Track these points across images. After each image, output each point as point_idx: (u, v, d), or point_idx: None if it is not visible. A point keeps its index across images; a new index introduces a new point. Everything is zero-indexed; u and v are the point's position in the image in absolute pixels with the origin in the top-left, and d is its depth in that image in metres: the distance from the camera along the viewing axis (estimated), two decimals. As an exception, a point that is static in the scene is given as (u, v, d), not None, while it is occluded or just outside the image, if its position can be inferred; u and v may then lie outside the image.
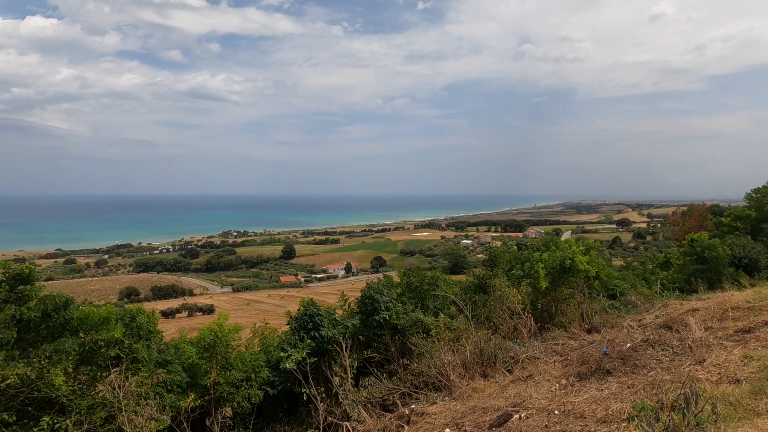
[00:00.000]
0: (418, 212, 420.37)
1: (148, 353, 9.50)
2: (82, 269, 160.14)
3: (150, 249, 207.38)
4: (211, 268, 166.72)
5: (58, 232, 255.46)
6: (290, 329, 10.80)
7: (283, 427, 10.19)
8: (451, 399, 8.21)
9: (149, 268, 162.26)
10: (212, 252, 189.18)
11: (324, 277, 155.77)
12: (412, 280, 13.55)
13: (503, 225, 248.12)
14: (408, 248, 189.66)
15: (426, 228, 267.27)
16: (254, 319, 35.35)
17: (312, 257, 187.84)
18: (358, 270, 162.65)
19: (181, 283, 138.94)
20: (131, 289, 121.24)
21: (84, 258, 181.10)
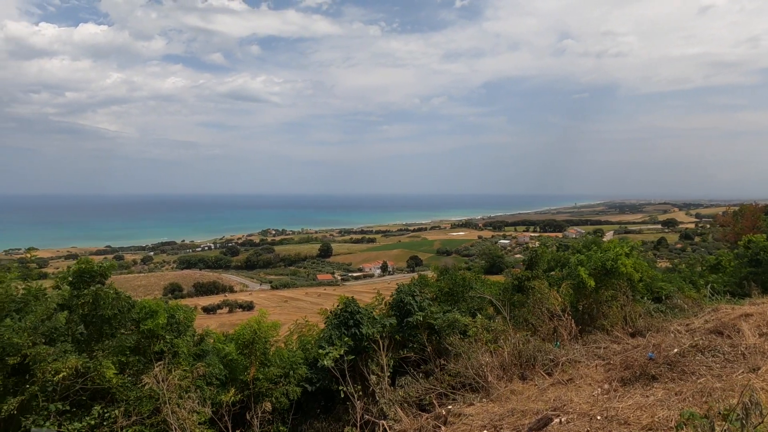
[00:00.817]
0: (454, 211, 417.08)
1: (187, 347, 9.87)
2: (130, 265, 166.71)
3: (192, 247, 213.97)
4: (250, 266, 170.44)
5: (107, 229, 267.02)
6: (328, 326, 10.91)
7: (321, 423, 10.31)
8: (489, 401, 8.11)
9: (192, 265, 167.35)
10: (252, 250, 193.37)
11: (360, 276, 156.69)
12: (442, 284, 13.47)
13: (542, 225, 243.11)
14: (444, 248, 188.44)
15: (463, 227, 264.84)
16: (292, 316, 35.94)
17: (348, 256, 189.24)
18: (395, 269, 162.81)
19: (222, 280, 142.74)
20: (175, 285, 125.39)
21: (131, 255, 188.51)
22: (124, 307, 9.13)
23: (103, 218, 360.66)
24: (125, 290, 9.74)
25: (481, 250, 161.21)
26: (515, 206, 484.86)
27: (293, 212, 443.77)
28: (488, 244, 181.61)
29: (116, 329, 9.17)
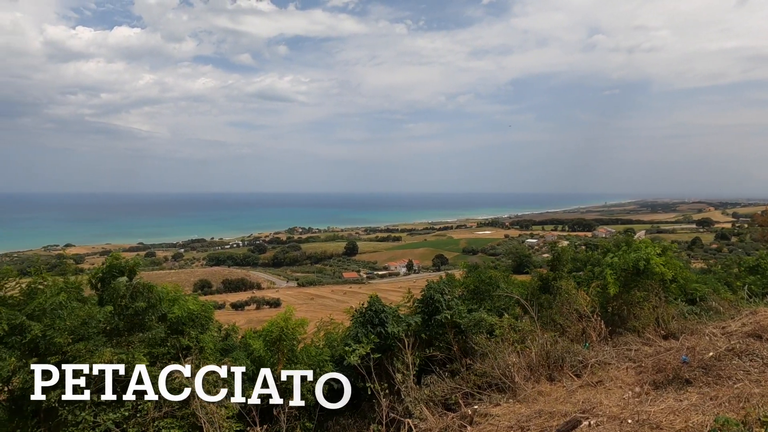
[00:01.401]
0: (480, 210, 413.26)
1: (213, 343, 10.11)
2: (161, 262, 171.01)
3: (221, 244, 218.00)
4: (277, 263, 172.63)
5: (140, 227, 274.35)
6: (354, 324, 10.96)
7: (346, 420, 10.37)
8: (516, 401, 8.03)
9: (221, 262, 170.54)
10: (279, 248, 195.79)
11: (386, 274, 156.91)
12: (468, 281, 13.35)
13: (571, 224, 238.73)
14: (470, 247, 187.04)
15: (489, 226, 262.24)
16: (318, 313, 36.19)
17: (374, 254, 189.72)
18: (420, 268, 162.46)
19: (250, 277, 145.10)
20: (204, 281, 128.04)
21: (163, 251, 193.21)
22: (155, 300, 9.42)
23: (136, 216, 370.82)
24: (157, 286, 10.07)
25: (508, 249, 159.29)
26: (543, 205, 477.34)
27: (319, 210, 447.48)
28: (515, 244, 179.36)
29: (148, 321, 9.47)
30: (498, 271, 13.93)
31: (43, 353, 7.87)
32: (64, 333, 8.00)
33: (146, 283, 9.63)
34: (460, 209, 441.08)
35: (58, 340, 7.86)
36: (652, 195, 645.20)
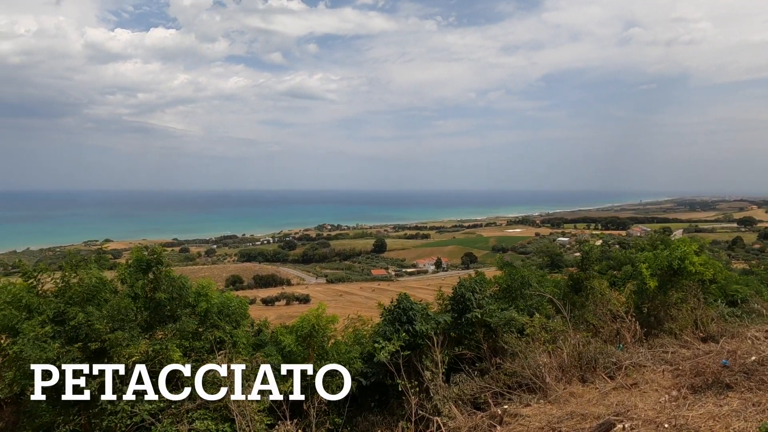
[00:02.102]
0: (511, 208, 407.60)
1: (246, 337, 10.31)
2: (195, 257, 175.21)
3: (252, 240, 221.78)
4: (307, 260, 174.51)
5: (175, 223, 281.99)
6: (383, 321, 10.99)
7: (375, 416, 10.42)
8: (547, 402, 7.90)
9: (252, 258, 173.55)
10: (308, 244, 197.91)
11: (414, 272, 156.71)
12: (502, 279, 13.16)
13: (604, 222, 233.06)
14: (500, 245, 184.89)
15: (519, 224, 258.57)
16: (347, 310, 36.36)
17: (402, 251, 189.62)
18: (449, 265, 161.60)
19: (280, 273, 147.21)
20: (236, 277, 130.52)
21: (196, 247, 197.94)
22: (178, 288, 9.72)
23: (171, 212, 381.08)
24: (190, 281, 10.35)
25: (539, 247, 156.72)
26: (575, 203, 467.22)
27: (348, 207, 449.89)
28: (546, 242, 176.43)
29: (175, 312, 9.74)
30: (532, 269, 13.63)
31: (85, 340, 8.17)
32: (103, 321, 8.30)
33: (169, 275, 9.88)
34: (489, 207, 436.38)
35: (98, 326, 8.16)
36: (691, 193, 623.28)
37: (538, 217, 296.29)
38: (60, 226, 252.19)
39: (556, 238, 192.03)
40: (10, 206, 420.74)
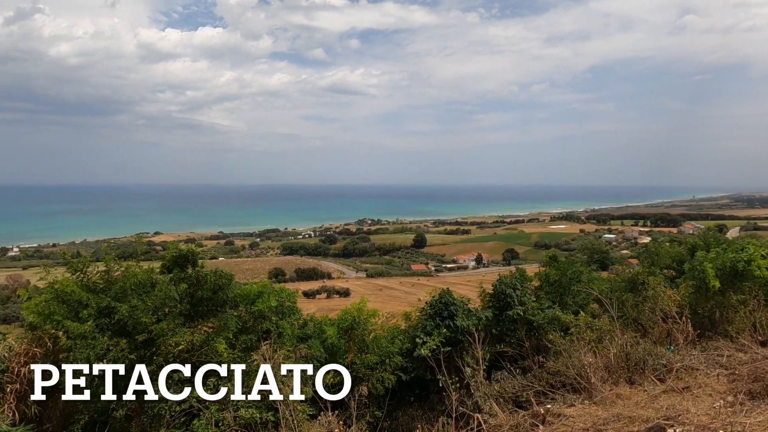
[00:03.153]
0: (554, 204, 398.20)
1: (291, 329, 10.51)
2: (239, 250, 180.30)
3: (294, 234, 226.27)
4: (347, 254, 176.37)
5: (221, 216, 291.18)
6: (424, 316, 10.98)
7: (415, 411, 10.44)
8: (592, 403, 7.70)
9: (293, 251, 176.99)
10: (348, 239, 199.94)
11: (454, 267, 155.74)
12: (550, 272, 12.80)
13: (653, 219, 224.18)
14: (543, 241, 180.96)
15: (563, 220, 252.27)
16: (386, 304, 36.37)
17: (442, 247, 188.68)
18: (489, 261, 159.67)
19: (321, 266, 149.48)
20: (278, 270, 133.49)
21: (240, 240, 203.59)
22: (222, 285, 9.82)
23: (217, 206, 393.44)
24: (235, 273, 10.61)
25: (583, 244, 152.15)
26: (623, 199, 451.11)
27: (388, 202, 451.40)
28: (591, 239, 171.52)
29: (216, 308, 9.99)
30: (582, 266, 13.19)
31: (132, 332, 8.53)
32: (148, 313, 8.62)
33: (208, 272, 10.12)
34: (532, 202, 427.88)
35: (143, 320, 8.49)
36: (749, 188, 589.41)
37: (583, 213, 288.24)
38: (114, 218, 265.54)
39: (601, 235, 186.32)
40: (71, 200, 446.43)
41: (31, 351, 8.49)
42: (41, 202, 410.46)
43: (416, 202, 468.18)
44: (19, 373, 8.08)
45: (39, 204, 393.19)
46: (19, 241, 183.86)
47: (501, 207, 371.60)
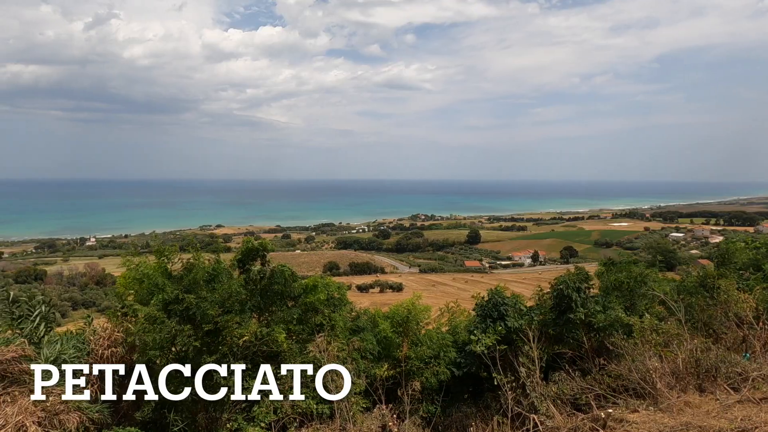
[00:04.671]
0: (616, 200, 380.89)
1: (343, 322, 10.71)
2: (295, 243, 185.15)
3: (348, 228, 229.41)
4: (400, 249, 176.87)
5: (278, 210, 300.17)
6: (478, 313, 10.85)
7: (469, 408, 10.36)
8: (657, 410, 7.33)
9: (348, 245, 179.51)
10: (402, 234, 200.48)
11: (509, 265, 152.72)
12: (612, 277, 12.24)
13: (727, 217, 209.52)
14: (603, 239, 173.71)
15: (626, 218, 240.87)
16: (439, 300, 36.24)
17: (497, 243, 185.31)
18: (546, 259, 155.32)
19: (374, 261, 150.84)
20: (333, 263, 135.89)
21: (297, 234, 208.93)
22: (289, 281, 10.37)
23: (275, 201, 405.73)
24: (291, 266, 10.99)
25: (648, 243, 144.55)
26: (692, 195, 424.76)
27: (442, 198, 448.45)
28: (657, 237, 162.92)
29: (283, 301, 10.36)
30: (642, 266, 12.52)
31: (199, 322, 8.98)
32: (215, 305, 9.02)
33: (280, 269, 10.50)
34: (592, 199, 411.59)
35: (209, 312, 8.90)
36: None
37: (647, 210, 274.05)
38: (180, 211, 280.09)
39: (668, 234, 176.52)
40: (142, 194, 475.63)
41: (113, 335, 9.15)
42: (115, 196, 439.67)
43: (471, 197, 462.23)
44: (103, 355, 8.73)
45: (113, 197, 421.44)
46: (96, 232, 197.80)
47: (559, 203, 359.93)
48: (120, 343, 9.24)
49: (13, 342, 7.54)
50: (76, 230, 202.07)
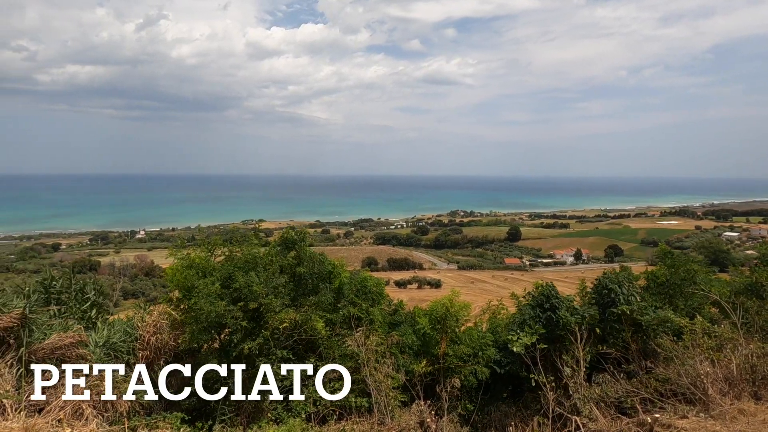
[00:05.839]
0: (665, 197, 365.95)
1: (382, 317, 10.78)
2: (334, 238, 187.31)
3: (387, 224, 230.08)
4: (438, 245, 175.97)
5: (319, 206, 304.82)
6: (520, 311, 10.67)
7: (508, 408, 10.22)
8: (708, 417, 7.02)
9: (386, 241, 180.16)
10: (440, 230, 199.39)
11: (550, 263, 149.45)
12: (659, 271, 11.74)
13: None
14: (651, 238, 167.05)
15: (675, 216, 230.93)
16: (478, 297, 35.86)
17: (538, 241, 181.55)
18: (589, 258, 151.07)
19: (413, 257, 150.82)
20: (371, 258, 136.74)
21: (336, 229, 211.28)
22: (317, 263, 10.78)
23: (315, 196, 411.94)
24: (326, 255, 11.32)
25: (699, 242, 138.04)
26: (749, 192, 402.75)
27: (481, 194, 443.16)
28: (709, 236, 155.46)
29: (316, 286, 10.74)
30: (698, 264, 11.89)
31: (245, 300, 9.27)
32: (260, 285, 9.35)
33: (307, 252, 10.89)
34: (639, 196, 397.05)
35: (255, 289, 9.20)
36: None
37: (699, 208, 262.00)
38: (224, 206, 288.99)
39: (721, 233, 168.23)
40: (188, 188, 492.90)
41: (159, 322, 9.58)
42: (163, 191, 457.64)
43: (511, 194, 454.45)
44: (149, 341, 9.14)
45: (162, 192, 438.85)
46: (145, 225, 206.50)
47: (604, 200, 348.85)
48: (165, 330, 9.67)
49: (71, 328, 7.99)
50: (127, 223, 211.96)
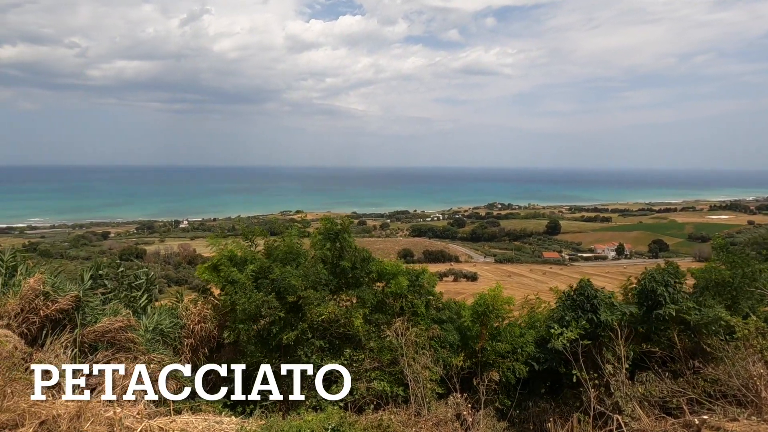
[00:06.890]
0: (716, 190, 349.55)
1: (426, 310, 10.76)
2: (371, 230, 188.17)
3: (423, 216, 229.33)
4: (475, 238, 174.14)
5: (356, 197, 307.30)
6: (560, 306, 10.45)
7: (546, 404, 10.08)
8: (761, 421, 6.72)
9: (422, 233, 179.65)
10: (477, 222, 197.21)
11: (591, 257, 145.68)
12: (714, 266, 11.16)
13: None
14: (699, 233, 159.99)
15: (726, 210, 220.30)
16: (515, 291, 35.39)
17: (578, 234, 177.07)
18: (632, 253, 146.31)
19: (449, 249, 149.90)
20: (407, 251, 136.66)
21: (372, 221, 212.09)
22: (360, 259, 10.66)
23: (352, 188, 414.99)
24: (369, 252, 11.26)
25: (752, 238, 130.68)
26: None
27: (520, 186, 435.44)
28: (763, 232, 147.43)
29: (357, 280, 10.68)
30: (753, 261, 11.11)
31: (283, 292, 9.45)
32: (298, 279, 9.49)
33: (351, 245, 10.81)
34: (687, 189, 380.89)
35: (293, 282, 9.36)
36: None
37: (752, 202, 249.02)
38: (263, 197, 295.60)
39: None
40: (229, 180, 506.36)
41: (203, 311, 9.90)
42: (206, 182, 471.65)
43: (550, 186, 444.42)
44: (194, 330, 9.47)
45: (204, 183, 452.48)
46: (188, 215, 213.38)
47: (648, 193, 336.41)
48: (209, 320, 9.96)
49: (120, 313, 8.36)
50: (171, 213, 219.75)
